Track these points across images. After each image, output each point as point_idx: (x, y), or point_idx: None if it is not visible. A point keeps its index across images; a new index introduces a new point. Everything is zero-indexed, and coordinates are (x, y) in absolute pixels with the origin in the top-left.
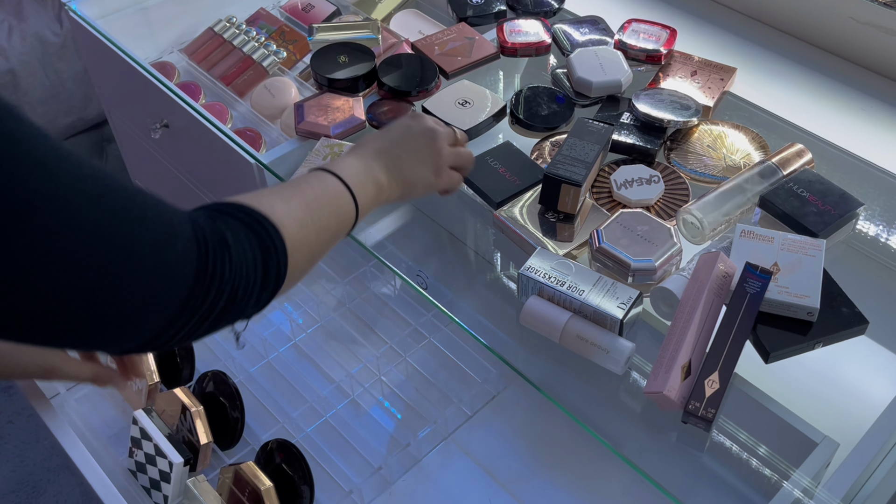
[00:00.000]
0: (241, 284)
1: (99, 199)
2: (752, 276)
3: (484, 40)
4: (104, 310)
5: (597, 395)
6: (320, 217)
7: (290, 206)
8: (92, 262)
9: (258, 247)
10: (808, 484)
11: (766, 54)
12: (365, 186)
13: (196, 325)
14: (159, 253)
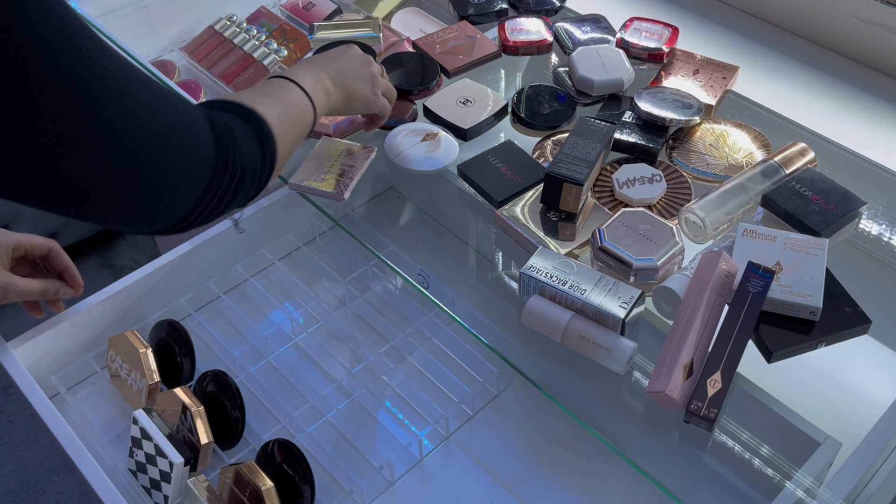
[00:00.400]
0: (249, 163)
1: (137, 85)
2: (755, 275)
3: (485, 39)
4: (145, 189)
5: (598, 395)
6: (290, 114)
7: (267, 102)
8: (133, 146)
9: (254, 133)
10: (810, 484)
11: (769, 52)
12: (317, 92)
13: (218, 201)
14: (189, 137)
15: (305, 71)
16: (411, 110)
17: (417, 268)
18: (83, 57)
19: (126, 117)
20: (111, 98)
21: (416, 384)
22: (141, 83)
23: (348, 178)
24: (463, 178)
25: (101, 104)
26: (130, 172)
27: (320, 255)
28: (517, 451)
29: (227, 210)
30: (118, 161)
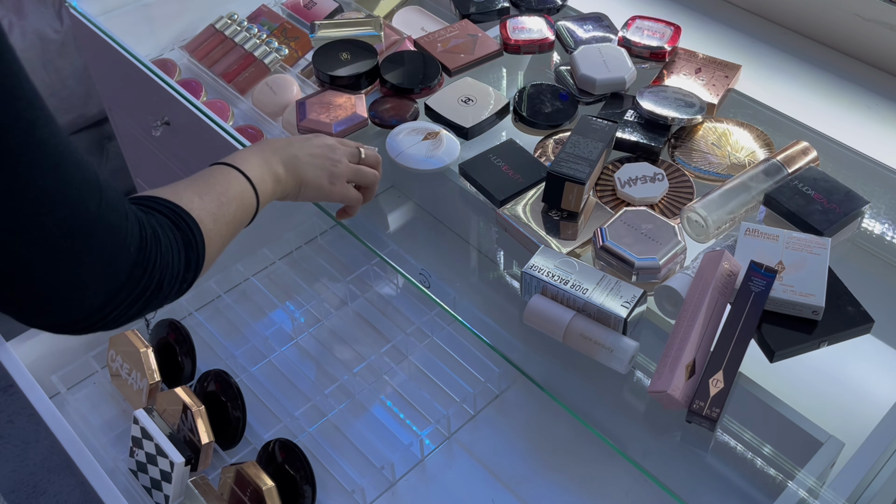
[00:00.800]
0: (168, 273)
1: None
2: (757, 274)
3: (487, 37)
4: (53, 277)
5: (600, 395)
6: (229, 210)
7: (205, 201)
8: (53, 228)
9: (181, 241)
10: (813, 484)
11: (771, 51)
12: (264, 179)
13: (128, 306)
14: (112, 234)
15: (254, 156)
16: (412, 109)
17: (419, 267)
18: (27, 123)
19: (53, 194)
20: (44, 169)
21: (418, 383)
22: (78, 165)
23: None
24: (464, 177)
25: (34, 172)
26: (42, 255)
27: (321, 254)
28: (519, 451)
29: (137, 316)
30: (31, 239)
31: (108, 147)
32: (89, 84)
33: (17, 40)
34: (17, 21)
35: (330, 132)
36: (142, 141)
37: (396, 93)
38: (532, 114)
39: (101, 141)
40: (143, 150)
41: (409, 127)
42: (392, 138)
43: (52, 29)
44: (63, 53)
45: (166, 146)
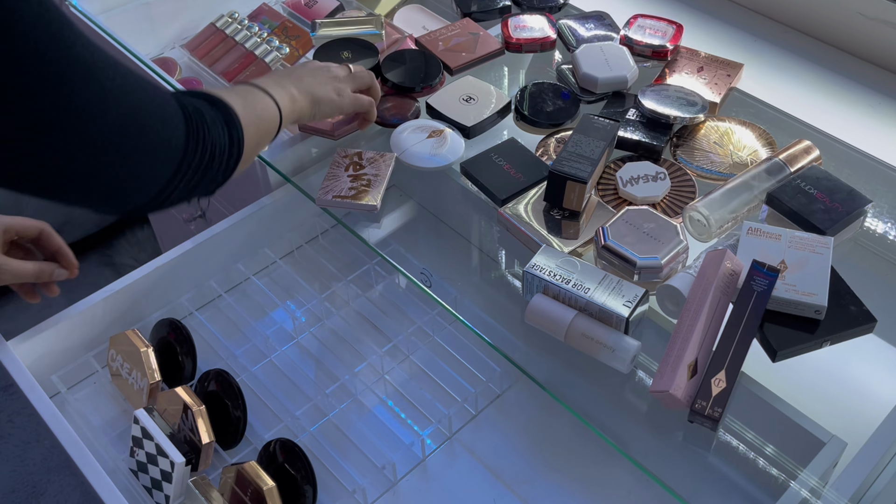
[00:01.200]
0: (218, 144)
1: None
2: (759, 273)
3: (488, 36)
4: (119, 168)
5: (602, 394)
6: (255, 109)
7: (235, 98)
8: (107, 126)
9: (222, 118)
10: (815, 484)
11: (774, 50)
12: (282, 97)
13: (189, 180)
14: (160, 117)
15: (268, 79)
16: (414, 108)
17: (420, 266)
18: (61, 42)
19: (100, 100)
20: (86, 80)
21: (419, 383)
22: (114, 67)
23: (376, 188)
24: (466, 176)
25: (76, 85)
26: (104, 151)
27: (322, 254)
28: (520, 451)
29: (195, 192)
30: (92, 140)
31: None
32: None
33: None
34: None
35: (329, 130)
36: None
37: (397, 91)
38: (534, 112)
39: None
40: None
41: (414, 125)
42: (396, 136)
43: None
44: None
45: None
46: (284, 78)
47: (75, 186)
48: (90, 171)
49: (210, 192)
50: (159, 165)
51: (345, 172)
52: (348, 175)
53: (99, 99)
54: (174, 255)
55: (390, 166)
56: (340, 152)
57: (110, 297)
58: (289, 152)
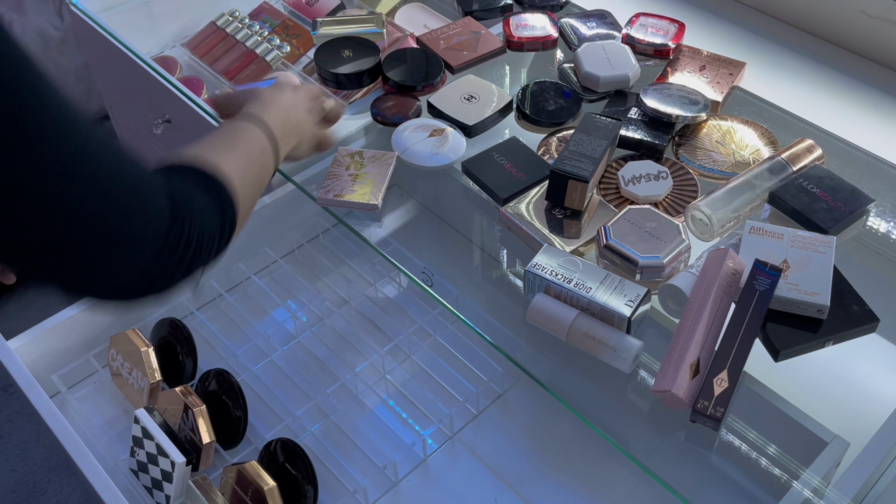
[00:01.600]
0: (206, 234)
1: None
2: (762, 273)
3: (490, 34)
4: (93, 252)
5: (604, 394)
6: (255, 171)
7: (234, 160)
8: (86, 210)
9: (216, 204)
10: (818, 484)
11: (776, 49)
12: (281, 141)
13: (171, 271)
14: (144, 204)
15: (274, 114)
16: (415, 107)
17: (421, 265)
18: (62, 114)
19: (87, 178)
20: (77, 154)
21: (420, 383)
22: (104, 145)
23: (377, 186)
24: (467, 175)
25: (61, 150)
26: (82, 231)
27: (323, 253)
28: (522, 451)
29: (181, 280)
30: (72, 220)
31: None
32: (90, 82)
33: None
34: (18, 18)
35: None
36: (143, 139)
37: (399, 90)
38: (535, 111)
39: None
40: (144, 148)
41: (415, 123)
42: (398, 135)
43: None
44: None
45: (167, 144)
46: (278, 113)
47: (43, 264)
48: (62, 251)
49: (198, 270)
50: (137, 253)
51: (346, 171)
52: (349, 174)
53: (87, 175)
54: None
55: (391, 165)
56: (342, 151)
57: None
58: None
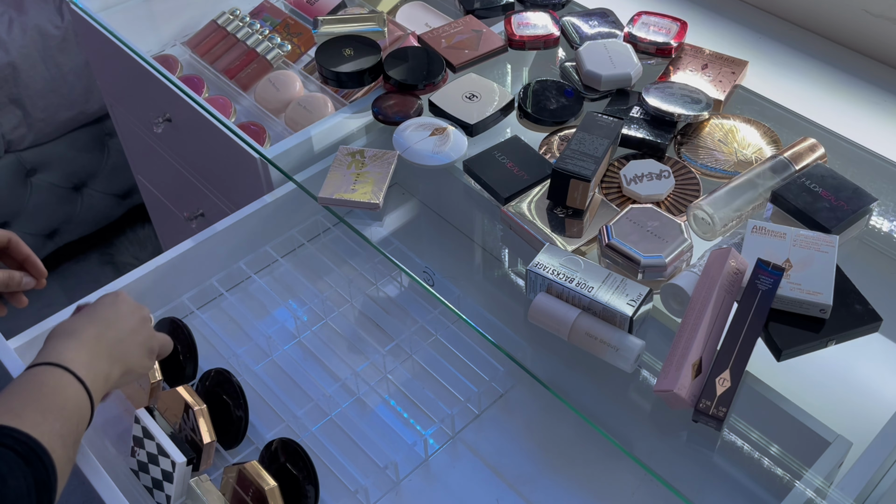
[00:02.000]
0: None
1: None
2: (764, 272)
3: (491, 33)
4: None
5: (606, 394)
6: (72, 426)
7: (51, 422)
8: None
9: (33, 481)
10: (820, 483)
11: (778, 47)
12: (97, 382)
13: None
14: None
15: (83, 352)
16: (416, 105)
17: (423, 265)
18: None
19: None
20: None
21: (422, 383)
22: None
23: (378, 185)
24: (469, 174)
25: None
26: None
27: (325, 253)
28: (524, 451)
29: None
30: None
31: (108, 144)
32: (90, 80)
33: (18, 36)
34: (18, 17)
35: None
36: (143, 138)
37: (400, 89)
38: (537, 110)
39: (101, 138)
40: (144, 146)
41: (417, 122)
42: (399, 133)
43: (53, 25)
44: (64, 49)
45: (168, 143)
46: (98, 344)
47: None
48: None
49: None
50: None
51: (347, 170)
52: (351, 173)
53: None
54: (175, 253)
55: (392, 164)
56: (343, 150)
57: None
58: (291, 150)
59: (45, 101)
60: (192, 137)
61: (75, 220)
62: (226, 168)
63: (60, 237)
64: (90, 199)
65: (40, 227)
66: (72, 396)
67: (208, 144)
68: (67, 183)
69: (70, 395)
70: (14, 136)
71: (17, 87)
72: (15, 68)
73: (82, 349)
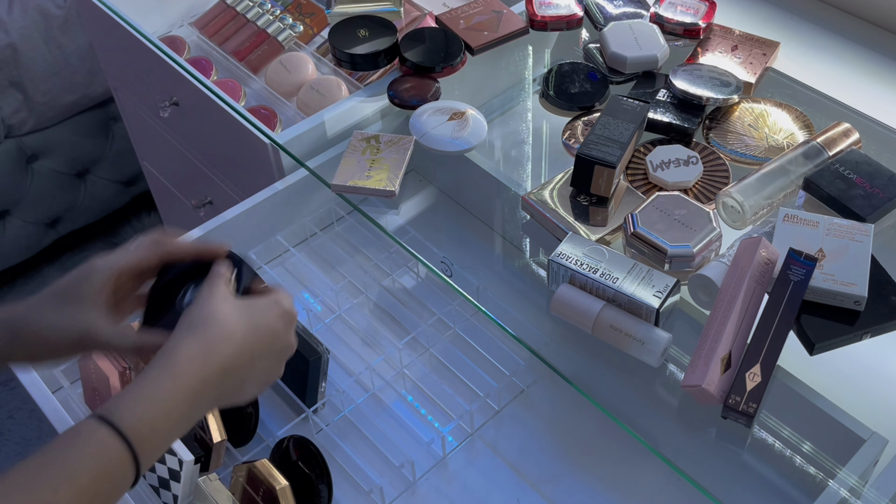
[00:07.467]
0: None
1: None
2: (796, 262)
3: (512, 14)
4: None
5: (631, 389)
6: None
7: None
8: None
9: None
10: (855, 483)
11: (811, 28)
12: (156, 439)
13: None
14: None
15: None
16: (434, 88)
17: (440, 255)
18: None
19: None
20: None
21: (439, 378)
22: None
23: (394, 172)
24: None
25: None
26: None
27: (338, 242)
28: (545, 449)
29: None
30: None
31: (113, 128)
32: (94, 62)
33: (18, 16)
34: None
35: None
36: (149, 122)
37: (417, 72)
38: (560, 94)
39: (106, 122)
40: (150, 131)
41: (434, 107)
42: (416, 118)
43: (55, 4)
44: (66, 30)
45: (174, 128)
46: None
47: None
48: None
49: None
50: None
51: (362, 156)
52: (365, 159)
53: None
54: None
55: (409, 150)
56: (357, 135)
57: None
58: (303, 135)
59: (47, 84)
60: (200, 122)
61: (78, 208)
62: (235, 154)
63: (63, 226)
64: (94, 186)
65: (42, 216)
66: (106, 467)
67: (217, 129)
68: (70, 169)
69: (103, 467)
70: (14, 121)
71: (17, 69)
72: (15, 50)
73: (178, 393)
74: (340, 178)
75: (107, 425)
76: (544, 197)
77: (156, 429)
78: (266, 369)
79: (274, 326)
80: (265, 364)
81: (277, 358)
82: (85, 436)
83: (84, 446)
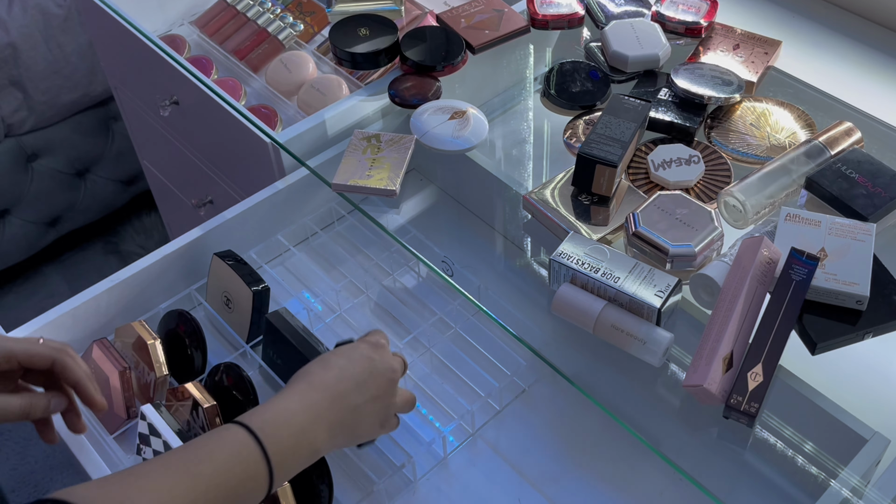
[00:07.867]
0: None
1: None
2: (798, 262)
3: (513, 12)
4: None
5: (633, 389)
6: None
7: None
8: None
9: None
10: (857, 483)
11: (813, 27)
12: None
13: None
14: None
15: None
16: (435, 88)
17: (441, 254)
18: None
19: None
20: None
21: (440, 377)
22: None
23: (395, 171)
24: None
25: None
26: None
27: (339, 242)
28: (547, 449)
29: None
30: None
31: (113, 127)
32: (94, 61)
33: (18, 15)
34: None
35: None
36: (149, 121)
37: (417, 70)
38: (561, 93)
39: (106, 121)
40: (150, 130)
41: (435, 105)
42: (417, 117)
43: (55, 3)
44: (66, 29)
45: (175, 127)
46: (332, 406)
47: None
48: None
49: None
50: None
51: (362, 155)
52: (366, 158)
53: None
54: (183, 242)
55: (410, 149)
56: (358, 135)
57: (115, 286)
58: (303, 134)
59: (47, 83)
60: (201, 121)
61: (78, 207)
62: (235, 153)
63: (63, 225)
64: (94, 185)
65: (42, 215)
66: (237, 472)
67: (217, 128)
68: (70, 168)
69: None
70: (14, 120)
71: (17, 68)
72: (15, 49)
73: (303, 411)
74: (341, 177)
75: (237, 424)
76: (545, 196)
77: (278, 425)
78: (375, 396)
79: (366, 353)
80: (372, 389)
81: (384, 382)
82: (220, 431)
83: (218, 438)
